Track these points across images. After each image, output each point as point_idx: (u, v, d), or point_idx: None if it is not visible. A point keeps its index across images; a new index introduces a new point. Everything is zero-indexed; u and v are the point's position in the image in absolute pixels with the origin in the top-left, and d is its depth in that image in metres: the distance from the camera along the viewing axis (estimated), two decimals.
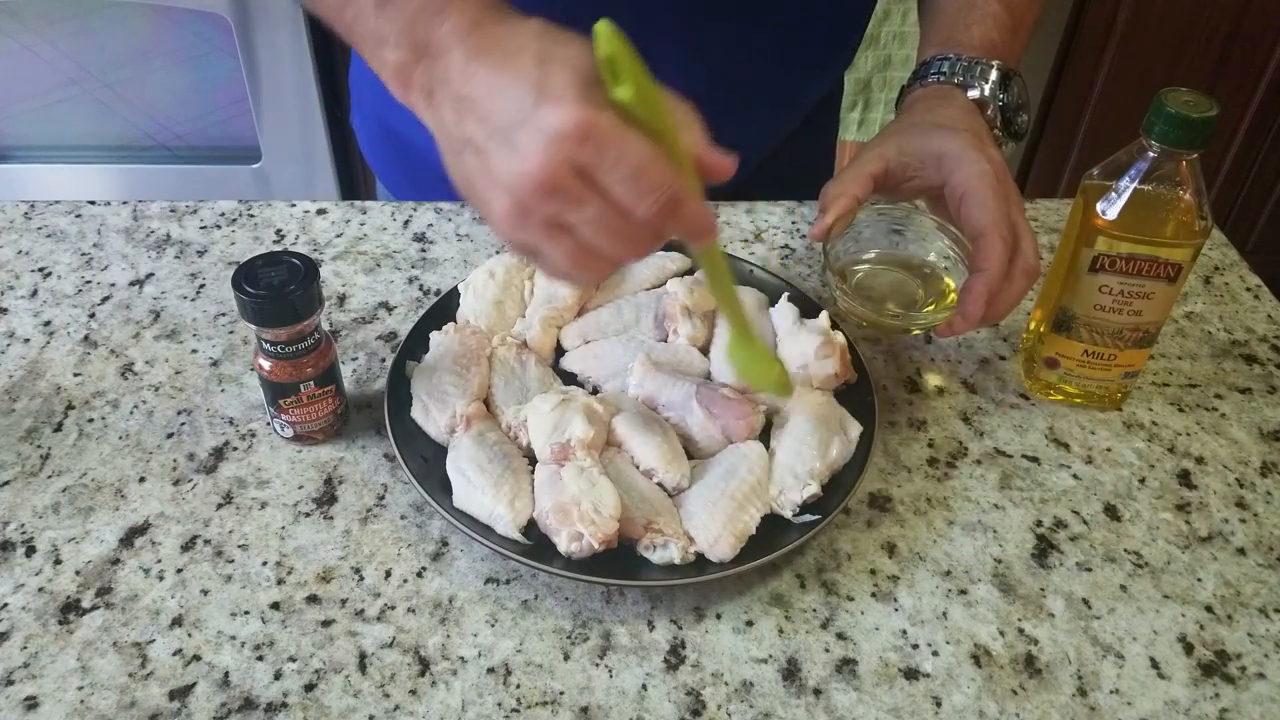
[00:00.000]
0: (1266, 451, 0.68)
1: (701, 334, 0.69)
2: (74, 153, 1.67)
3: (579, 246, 0.47)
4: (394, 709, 0.52)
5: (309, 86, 1.55)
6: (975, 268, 0.62)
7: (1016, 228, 0.63)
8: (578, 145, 0.44)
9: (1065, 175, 1.90)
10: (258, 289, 0.58)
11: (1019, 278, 0.62)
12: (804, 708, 0.52)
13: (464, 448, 0.60)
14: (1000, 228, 0.62)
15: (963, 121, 0.66)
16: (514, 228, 0.47)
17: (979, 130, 0.66)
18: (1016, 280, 0.62)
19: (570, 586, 0.58)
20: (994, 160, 0.64)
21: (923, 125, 0.67)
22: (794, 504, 0.59)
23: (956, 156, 0.64)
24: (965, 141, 0.64)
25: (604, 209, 0.46)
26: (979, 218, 0.62)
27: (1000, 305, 0.62)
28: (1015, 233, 0.62)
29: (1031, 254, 0.63)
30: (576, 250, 0.48)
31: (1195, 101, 0.58)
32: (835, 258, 0.70)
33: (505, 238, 0.49)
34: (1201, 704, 0.54)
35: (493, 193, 0.47)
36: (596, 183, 0.45)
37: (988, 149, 0.64)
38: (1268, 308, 0.79)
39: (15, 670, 0.53)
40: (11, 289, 0.76)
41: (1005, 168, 0.64)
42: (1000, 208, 0.62)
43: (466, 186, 0.49)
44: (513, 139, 0.45)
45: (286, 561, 0.58)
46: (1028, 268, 0.62)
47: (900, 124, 0.69)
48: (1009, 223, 0.62)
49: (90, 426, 0.65)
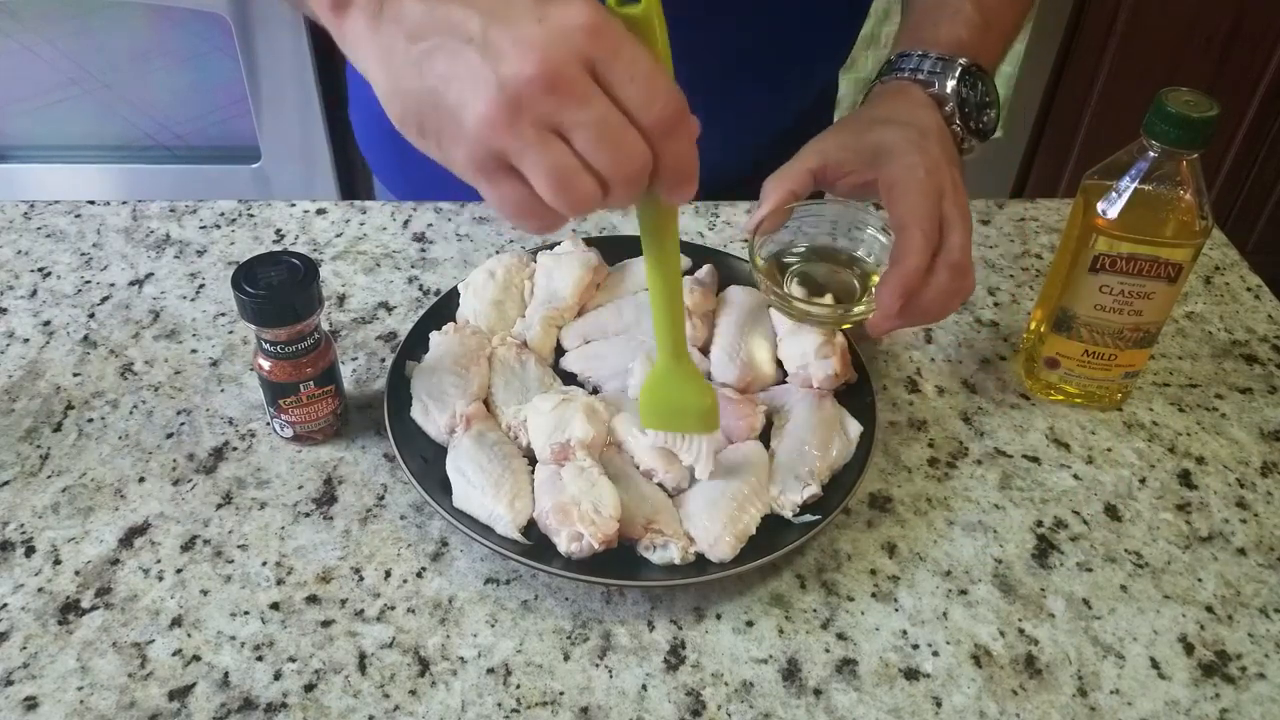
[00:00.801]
0: (1267, 451, 0.68)
1: (701, 334, 0.69)
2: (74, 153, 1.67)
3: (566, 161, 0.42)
4: (394, 709, 0.52)
5: (309, 86, 1.55)
6: (892, 261, 0.60)
7: (946, 221, 0.60)
8: (590, 40, 0.40)
9: (1065, 175, 1.90)
10: (257, 289, 0.58)
11: (941, 271, 0.59)
12: (804, 708, 0.52)
13: (464, 448, 0.60)
14: (921, 221, 0.59)
15: (910, 116, 0.64)
16: (498, 131, 0.41)
17: (926, 125, 0.64)
18: (939, 274, 0.59)
19: (570, 587, 0.58)
20: (929, 154, 0.61)
21: (865, 120, 0.65)
22: (794, 504, 0.59)
23: (890, 150, 0.62)
24: (903, 136, 0.62)
25: (608, 111, 0.41)
26: (900, 211, 0.60)
27: (925, 302, 0.59)
28: (941, 227, 0.60)
29: (957, 249, 0.59)
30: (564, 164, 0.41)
31: (1195, 101, 0.58)
32: (764, 253, 0.68)
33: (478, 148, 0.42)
34: (1202, 704, 0.54)
35: (476, 91, 0.41)
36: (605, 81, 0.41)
37: (928, 143, 0.62)
38: (1268, 308, 0.79)
39: (15, 670, 0.53)
40: (11, 289, 0.76)
41: (943, 163, 0.62)
42: (924, 201, 0.59)
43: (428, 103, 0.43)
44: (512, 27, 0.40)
45: (286, 562, 0.58)
46: (952, 262, 0.59)
47: (847, 119, 0.67)
48: (933, 217, 0.59)
49: (90, 426, 0.65)
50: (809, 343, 0.65)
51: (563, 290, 0.70)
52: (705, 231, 0.83)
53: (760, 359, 0.67)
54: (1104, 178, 0.63)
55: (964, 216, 0.60)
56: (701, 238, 0.82)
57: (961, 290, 0.60)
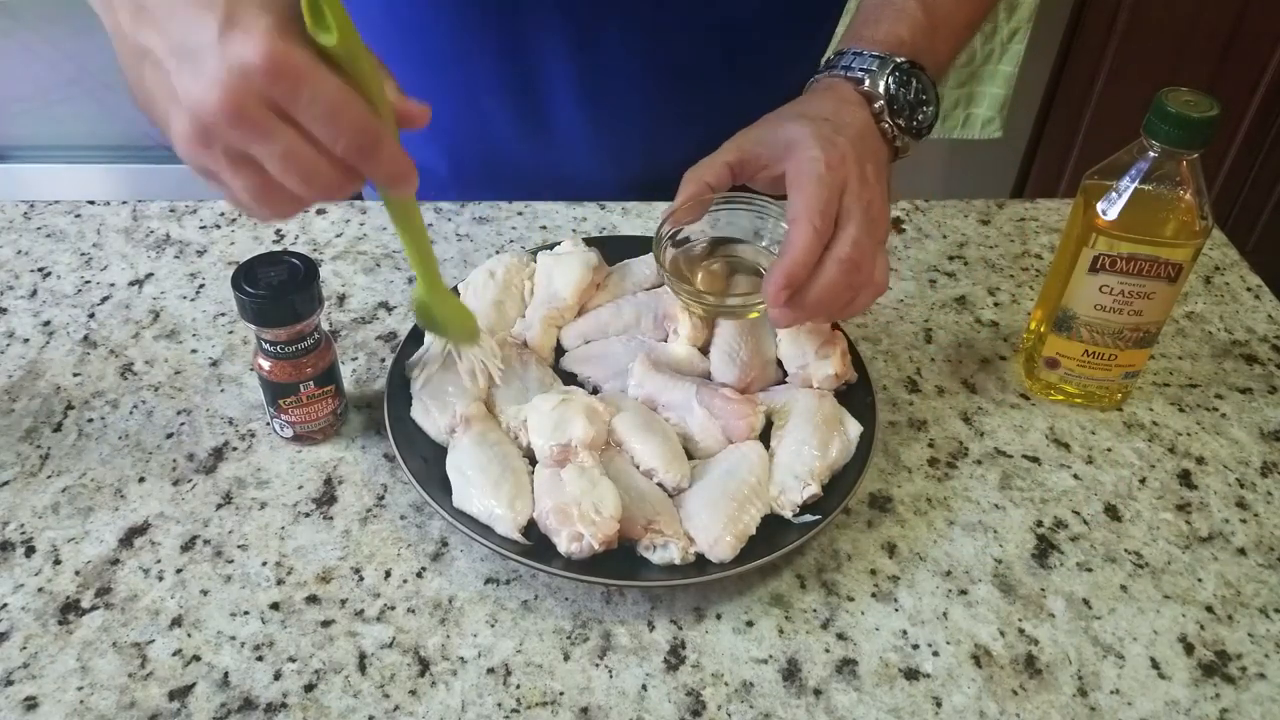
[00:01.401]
0: (1267, 451, 0.68)
1: (701, 334, 0.69)
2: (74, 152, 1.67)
3: (263, 182, 0.45)
4: (394, 709, 0.52)
5: None
6: (779, 253, 0.59)
7: (843, 215, 0.59)
8: (268, 80, 0.42)
9: (1065, 175, 1.90)
10: (257, 289, 0.58)
11: (830, 266, 0.58)
12: (804, 708, 0.52)
13: (464, 448, 0.60)
14: (812, 214, 0.58)
15: (828, 112, 0.63)
16: (194, 152, 0.45)
17: (844, 122, 0.63)
18: (827, 268, 0.58)
19: (570, 587, 0.58)
20: (835, 148, 0.60)
21: (785, 115, 0.65)
22: (794, 504, 0.59)
23: (796, 143, 0.61)
24: (812, 129, 0.61)
25: (293, 145, 0.44)
26: (794, 204, 0.59)
27: (815, 297, 0.58)
28: (836, 221, 0.59)
29: (847, 244, 0.58)
30: (260, 185, 0.45)
31: (1196, 101, 0.58)
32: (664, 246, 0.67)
33: (185, 159, 0.46)
34: (1202, 704, 0.54)
35: (174, 111, 0.44)
36: (289, 117, 0.43)
37: (837, 138, 0.61)
38: (1268, 308, 0.79)
39: (15, 670, 0.53)
40: (11, 289, 0.76)
41: (850, 157, 0.60)
42: (819, 194, 0.58)
43: (145, 98, 0.46)
44: (196, 61, 0.42)
45: (286, 562, 0.58)
46: (840, 257, 0.58)
47: (770, 115, 0.67)
48: (826, 211, 0.58)
49: (90, 426, 0.65)
50: (809, 343, 0.65)
51: (563, 290, 0.70)
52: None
53: (760, 359, 0.67)
54: (1104, 178, 0.63)
55: (865, 212, 0.59)
56: None
57: (855, 285, 0.59)
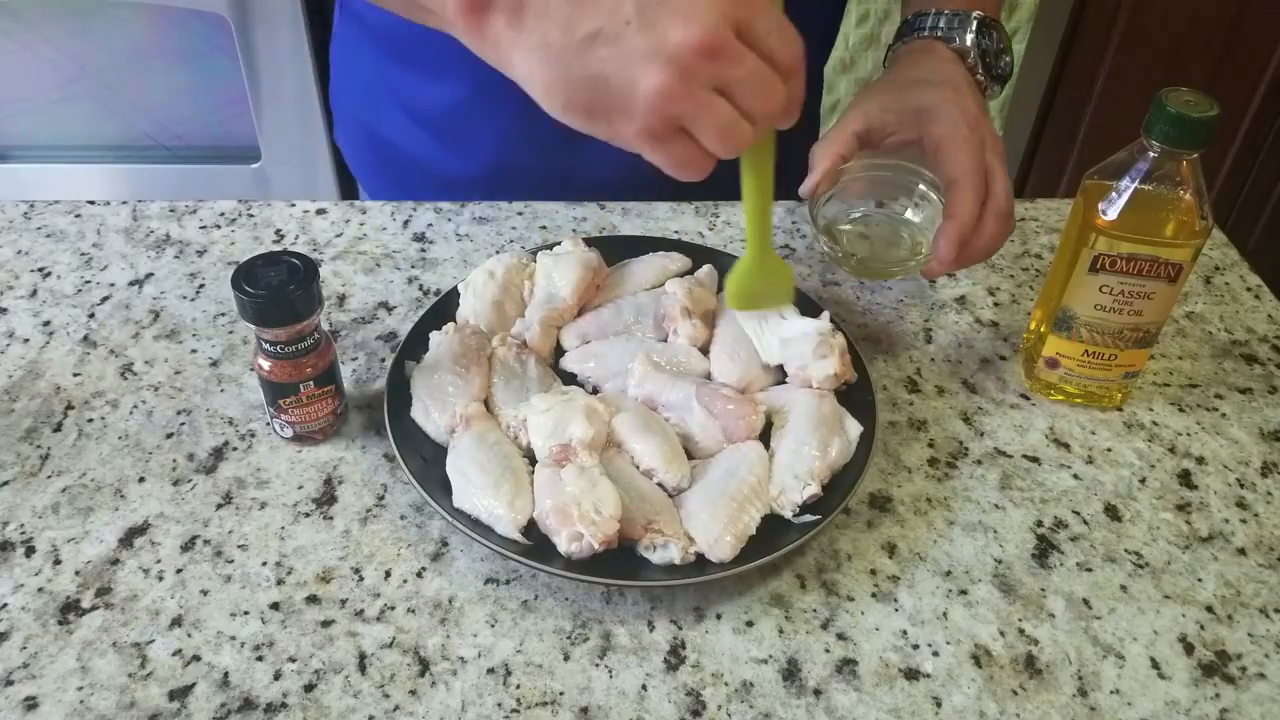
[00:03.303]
0: (1267, 451, 0.68)
1: (701, 334, 0.69)
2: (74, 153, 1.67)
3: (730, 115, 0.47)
4: (394, 709, 0.52)
5: (309, 86, 1.54)
6: (947, 215, 0.65)
7: (990, 173, 0.66)
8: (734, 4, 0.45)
9: (1065, 175, 1.90)
10: (257, 289, 0.58)
11: (990, 220, 0.65)
12: (804, 708, 0.52)
13: (464, 448, 0.60)
14: (971, 176, 0.65)
15: (942, 74, 0.69)
16: (672, 100, 0.46)
17: (958, 81, 0.69)
18: (988, 223, 0.65)
19: (570, 587, 0.58)
20: (968, 111, 0.67)
21: (902, 81, 0.70)
22: (794, 504, 0.59)
23: (932, 110, 0.67)
24: (941, 95, 0.67)
25: (758, 65, 0.46)
26: (950, 168, 0.65)
27: (975, 248, 0.65)
28: (987, 178, 0.65)
29: (1002, 197, 0.65)
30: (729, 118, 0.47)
31: (1196, 101, 0.58)
32: (821, 216, 0.73)
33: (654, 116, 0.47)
34: (1202, 704, 0.54)
35: (645, 70, 0.45)
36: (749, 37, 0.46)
37: (964, 99, 0.67)
38: (1268, 308, 0.79)
39: (15, 670, 0.53)
40: (11, 289, 0.76)
41: (981, 116, 0.67)
42: (972, 156, 0.65)
43: (595, 87, 0.47)
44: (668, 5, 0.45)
45: (286, 562, 0.58)
46: (999, 211, 0.65)
47: (882, 81, 0.72)
48: (980, 170, 0.65)
49: (90, 426, 0.65)
50: (809, 343, 0.66)
51: (563, 290, 0.70)
52: (705, 232, 0.83)
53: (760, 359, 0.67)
54: (1104, 178, 0.63)
55: (1003, 164, 0.66)
56: (702, 238, 0.82)
57: (1008, 231, 0.66)
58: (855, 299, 0.78)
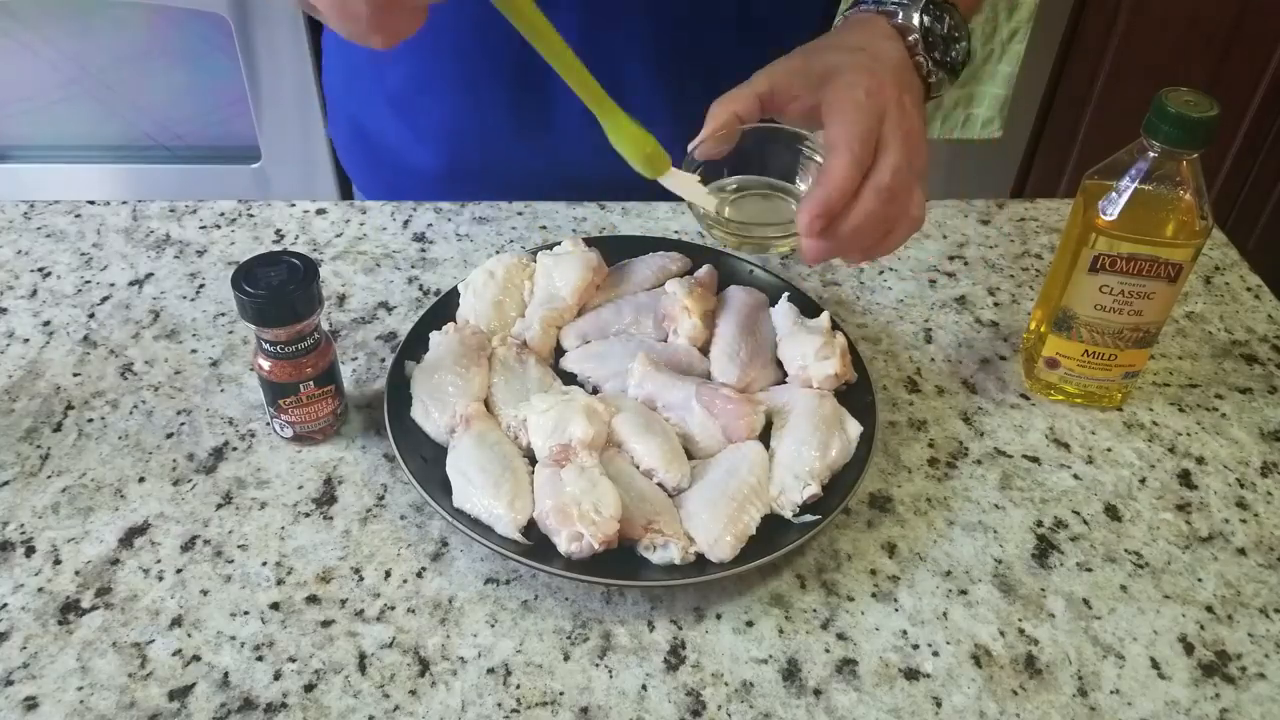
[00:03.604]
0: (1267, 451, 0.68)
1: (701, 334, 0.69)
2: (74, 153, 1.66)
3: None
4: (394, 709, 0.52)
5: (309, 86, 1.54)
6: (816, 182, 0.57)
7: (882, 144, 0.57)
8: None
9: (1065, 175, 1.89)
10: (257, 289, 0.58)
11: (868, 194, 0.56)
12: (804, 708, 0.52)
13: (464, 448, 0.60)
14: (850, 140, 0.56)
15: (866, 43, 0.62)
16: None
17: (883, 53, 0.62)
18: (865, 198, 0.56)
19: (570, 587, 0.57)
20: (875, 76, 0.59)
21: (819, 47, 0.64)
22: (794, 504, 0.59)
23: (834, 72, 0.60)
24: (850, 59, 0.60)
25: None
26: (832, 133, 0.57)
27: (852, 228, 0.56)
28: (874, 150, 0.57)
29: (887, 172, 0.56)
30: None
31: (1196, 101, 0.58)
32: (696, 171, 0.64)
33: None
34: (1202, 704, 0.54)
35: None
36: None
37: (876, 67, 0.60)
38: (1268, 308, 0.79)
39: (15, 670, 0.53)
40: (11, 289, 0.76)
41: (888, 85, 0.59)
42: (859, 120, 0.56)
43: None
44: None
45: (286, 562, 0.58)
46: (880, 185, 0.56)
47: (802, 47, 0.65)
48: (866, 138, 0.56)
49: (90, 426, 0.65)
50: (809, 343, 0.66)
51: (563, 290, 0.70)
52: (705, 232, 0.83)
53: (760, 359, 0.67)
54: (1104, 178, 0.63)
55: (905, 140, 0.57)
56: (701, 238, 0.82)
57: (892, 218, 0.57)
58: (855, 299, 0.78)
